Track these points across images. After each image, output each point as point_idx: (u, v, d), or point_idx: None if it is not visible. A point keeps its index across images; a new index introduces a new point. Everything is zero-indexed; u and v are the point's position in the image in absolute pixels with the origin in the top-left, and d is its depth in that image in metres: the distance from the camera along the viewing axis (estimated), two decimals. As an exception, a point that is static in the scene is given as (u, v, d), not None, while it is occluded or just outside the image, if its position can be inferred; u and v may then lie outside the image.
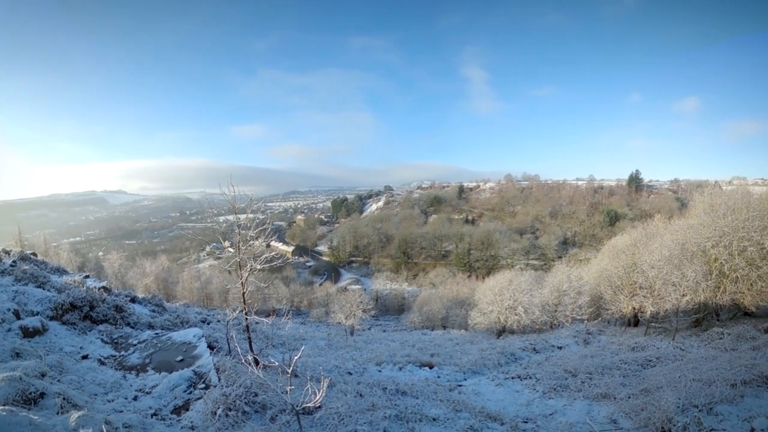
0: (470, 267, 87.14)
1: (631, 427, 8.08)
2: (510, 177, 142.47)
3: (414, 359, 16.49)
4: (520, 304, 27.44)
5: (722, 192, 25.02)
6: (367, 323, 34.23)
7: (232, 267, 10.28)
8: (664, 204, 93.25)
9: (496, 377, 13.58)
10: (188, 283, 46.12)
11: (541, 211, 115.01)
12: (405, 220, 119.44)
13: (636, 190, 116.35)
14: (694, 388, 8.95)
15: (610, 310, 25.40)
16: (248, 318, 9.37)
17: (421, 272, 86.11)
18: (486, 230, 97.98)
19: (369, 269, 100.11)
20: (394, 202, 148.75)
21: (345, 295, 31.35)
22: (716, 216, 21.00)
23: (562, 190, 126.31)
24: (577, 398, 10.61)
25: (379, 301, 56.87)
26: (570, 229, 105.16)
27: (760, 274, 18.26)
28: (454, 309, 40.31)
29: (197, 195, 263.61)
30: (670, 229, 28.24)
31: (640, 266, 23.49)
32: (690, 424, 7.00)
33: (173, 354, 9.46)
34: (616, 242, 34.93)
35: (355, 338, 25.37)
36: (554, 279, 30.05)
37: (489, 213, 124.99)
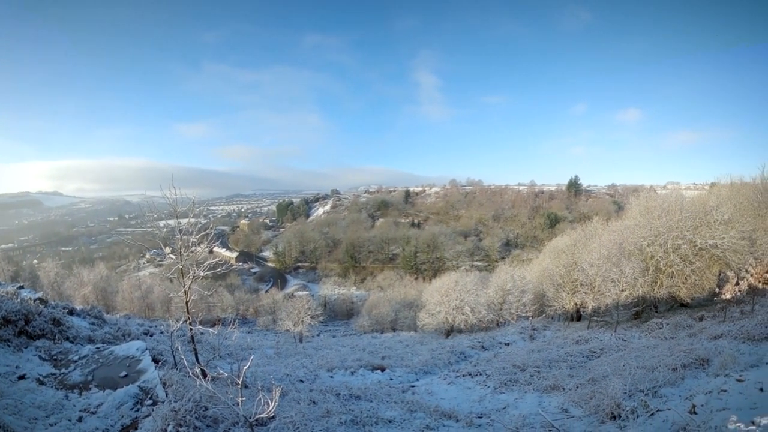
0: (417, 269, 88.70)
1: (581, 414, 8.38)
2: (455, 182, 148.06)
3: (365, 363, 16.44)
4: (466, 303, 28.17)
5: (657, 196, 27.42)
6: (316, 329, 33.72)
7: (173, 275, 9.62)
8: (602, 207, 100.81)
9: (448, 376, 13.74)
10: (128, 293, 43.20)
11: (485, 214, 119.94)
12: (352, 224, 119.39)
13: (575, 195, 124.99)
14: (638, 374, 9.48)
15: (553, 307, 26.82)
16: (193, 328, 8.94)
17: (369, 276, 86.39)
18: (432, 233, 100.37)
19: (316, 274, 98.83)
20: (341, 206, 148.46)
21: (292, 302, 30.70)
22: (651, 217, 22.91)
23: (505, 194, 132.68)
24: (527, 391, 10.90)
25: (327, 306, 56.38)
26: (512, 231, 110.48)
27: (694, 269, 20.15)
28: (403, 311, 40.75)
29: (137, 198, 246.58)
30: (608, 230, 30.42)
31: (580, 265, 24.96)
32: (637, 407, 7.33)
33: (117, 369, 8.72)
34: (556, 243, 37.10)
35: (304, 345, 24.82)
36: (498, 279, 31.21)
37: (434, 217, 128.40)
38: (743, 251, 19.46)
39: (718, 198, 23.39)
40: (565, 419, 8.36)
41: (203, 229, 9.31)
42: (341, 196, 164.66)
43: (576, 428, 7.71)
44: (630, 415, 7.22)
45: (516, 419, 8.68)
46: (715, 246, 19.83)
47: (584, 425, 7.74)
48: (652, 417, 6.74)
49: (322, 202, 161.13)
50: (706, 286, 20.39)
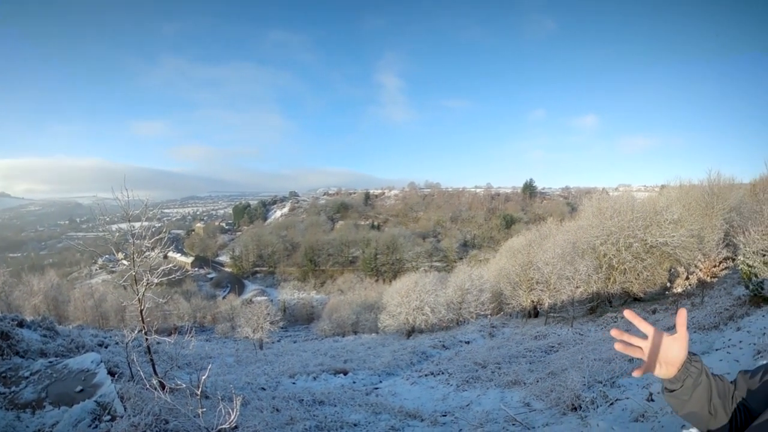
0: (377, 271, 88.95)
1: (543, 407, 8.55)
2: (413, 185, 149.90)
3: (327, 367, 16.30)
4: (426, 304, 28.47)
5: (609, 197, 28.92)
6: (276, 335, 33.02)
7: (127, 282, 9.08)
8: (556, 208, 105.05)
9: (411, 376, 13.75)
10: (81, 302, 40.47)
11: (443, 216, 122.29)
12: (311, 227, 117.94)
13: (530, 197, 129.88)
14: (596, 366, 9.84)
15: (511, 305, 27.64)
16: (148, 338, 8.49)
17: (329, 279, 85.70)
18: (391, 235, 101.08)
19: (274, 279, 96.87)
20: (300, 208, 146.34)
21: (251, 308, 29.84)
22: (604, 218, 24.14)
23: (462, 197, 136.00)
24: (489, 387, 11.05)
25: (287, 311, 55.42)
26: (470, 232, 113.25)
27: (645, 265, 21.42)
28: (364, 314, 40.70)
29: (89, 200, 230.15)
30: (562, 230, 31.76)
31: (535, 264, 25.88)
32: (597, 397, 7.56)
33: (72, 384, 8.01)
34: (512, 243, 38.22)
35: (264, 352, 24.19)
36: (457, 279, 31.76)
37: (394, 219, 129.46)
38: (692, 248, 20.92)
39: (668, 199, 25.01)
40: (527, 413, 8.51)
41: (157, 233, 8.94)
42: (300, 198, 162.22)
43: (538, 421, 7.84)
44: (590, 405, 7.43)
45: (480, 415, 8.75)
46: (665, 244, 21.17)
47: (546, 417, 7.90)
48: (611, 406, 6.96)
49: (279, 204, 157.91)
50: (657, 281, 21.74)
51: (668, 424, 4.82)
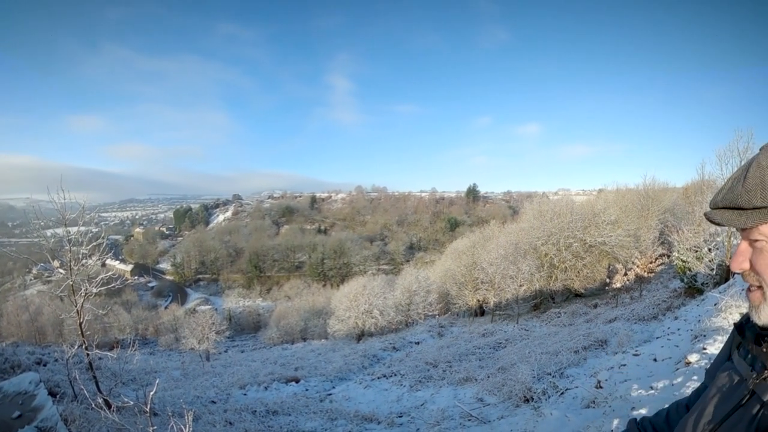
0: (324, 276, 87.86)
1: (496, 401, 8.75)
2: (360, 188, 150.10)
3: (278, 376, 15.86)
4: (375, 307, 28.51)
5: (549, 201, 30.65)
6: (223, 345, 31.58)
7: (64, 292, 8.26)
8: (498, 212, 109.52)
9: (363, 380, 13.66)
10: (14, 316, 36.48)
11: (389, 220, 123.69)
12: (255, 232, 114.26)
13: (473, 201, 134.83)
14: (544, 359, 10.24)
15: (457, 304, 28.37)
16: (90, 353, 7.87)
17: (275, 286, 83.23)
18: (338, 239, 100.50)
19: (218, 287, 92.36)
20: (244, 212, 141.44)
21: (195, 318, 28.33)
22: (544, 220, 25.47)
23: (408, 200, 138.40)
24: (442, 386, 11.17)
25: (232, 320, 53.33)
26: (415, 235, 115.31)
27: (585, 263, 22.87)
28: (313, 319, 40.05)
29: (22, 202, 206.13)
30: (505, 232, 33.09)
31: (480, 264, 26.76)
32: (547, 388, 7.85)
33: (9, 409, 6.97)
34: (457, 245, 39.30)
35: (212, 363, 23.08)
36: (404, 281, 32.09)
37: (341, 222, 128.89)
38: (629, 246, 22.65)
39: (606, 202, 26.95)
40: (482, 408, 8.66)
41: (95, 238, 8.36)
42: (243, 201, 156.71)
43: (493, 415, 8.01)
44: (542, 396, 7.69)
45: (435, 414, 8.79)
46: (603, 243, 22.72)
47: (500, 411, 8.08)
48: (562, 396, 7.24)
49: (222, 208, 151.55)
50: (597, 277, 23.31)
51: (618, 407, 5.05)
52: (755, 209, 0.75)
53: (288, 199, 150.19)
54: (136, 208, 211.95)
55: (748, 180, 0.76)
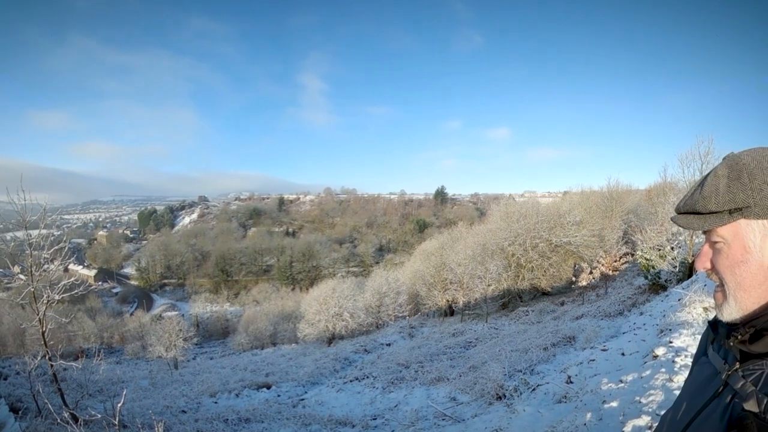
0: (293, 279, 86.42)
1: (469, 400, 8.83)
2: (329, 190, 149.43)
3: (249, 382, 15.58)
4: (345, 309, 28.36)
5: (516, 202, 31.40)
6: (191, 352, 30.57)
7: (25, 299, 7.77)
8: (466, 213, 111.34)
9: (336, 383, 13.52)
10: None
11: (359, 222, 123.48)
12: (222, 235, 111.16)
13: (441, 203, 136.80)
14: (514, 357, 10.42)
15: (427, 305, 28.59)
16: (54, 364, 7.44)
17: (242, 290, 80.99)
18: (307, 242, 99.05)
19: (185, 292, 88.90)
20: (210, 214, 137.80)
21: (161, 324, 27.39)
22: (511, 221, 26.07)
23: (377, 202, 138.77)
24: (415, 387, 11.18)
25: (200, 326, 51.68)
26: (385, 237, 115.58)
27: (551, 263, 23.54)
28: (282, 324, 39.36)
29: None
30: (472, 233, 33.66)
31: (448, 265, 27.11)
32: (519, 385, 7.97)
33: None
34: (426, 246, 39.69)
35: (181, 371, 22.32)
36: (374, 283, 32.13)
37: (309, 225, 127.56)
38: (594, 246, 23.48)
39: (571, 203, 27.83)
40: (455, 407, 8.72)
41: (57, 242, 7.91)
42: (210, 203, 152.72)
43: (467, 413, 8.07)
44: (514, 393, 7.80)
45: (409, 415, 8.78)
46: (569, 243, 23.45)
47: (474, 409, 8.16)
48: (534, 392, 7.36)
49: (188, 210, 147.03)
50: (563, 276, 24.01)
51: (590, 401, 5.17)
52: (711, 213, 0.83)
53: (255, 201, 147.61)
54: (100, 210, 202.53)
55: (705, 187, 0.85)
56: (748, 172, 0.80)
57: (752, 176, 0.79)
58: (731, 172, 0.82)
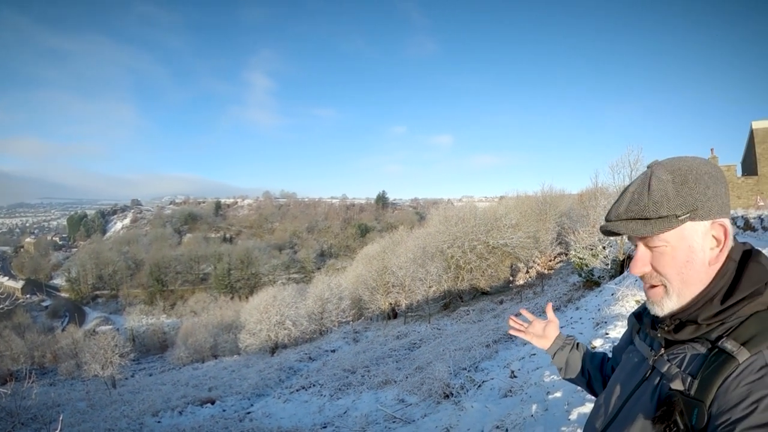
0: (232, 288, 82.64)
1: (418, 401, 8.90)
2: (268, 194, 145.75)
3: (192, 398, 14.85)
4: (287, 317, 27.79)
5: (454, 207, 32.48)
6: (129, 369, 28.33)
7: None
8: (406, 218, 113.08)
9: (282, 394, 13.12)
10: None
11: (299, 227, 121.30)
12: (156, 241, 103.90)
13: (383, 207, 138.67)
14: (458, 356, 10.67)
15: (370, 309, 28.66)
16: None
17: (179, 300, 75.88)
18: (245, 248, 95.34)
19: (119, 304, 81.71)
20: (143, 219, 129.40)
21: (95, 340, 25.07)
22: (450, 224, 26.94)
23: (318, 207, 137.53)
24: (362, 391, 11.11)
25: (136, 340, 47.93)
26: (326, 242, 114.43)
27: (489, 264, 24.57)
28: (222, 335, 37.53)
29: None
30: (413, 236, 34.30)
31: (390, 268, 27.41)
32: (465, 383, 8.18)
33: None
34: (367, 250, 39.79)
35: (119, 390, 20.63)
36: (316, 289, 31.75)
37: (248, 230, 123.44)
38: (530, 247, 24.79)
39: (507, 207, 29.24)
40: (404, 408, 8.75)
41: None
42: (143, 207, 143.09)
43: (417, 414, 8.12)
44: (461, 391, 7.98)
45: (359, 420, 8.69)
46: (505, 244, 24.61)
47: (423, 409, 8.23)
48: (480, 388, 7.57)
49: (120, 214, 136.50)
50: (501, 276, 25.10)
51: (534, 393, 5.39)
52: (660, 218, 0.84)
53: (191, 205, 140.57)
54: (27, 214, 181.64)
55: (654, 193, 0.85)
56: (692, 177, 0.84)
57: (697, 180, 0.83)
58: (675, 177, 0.85)
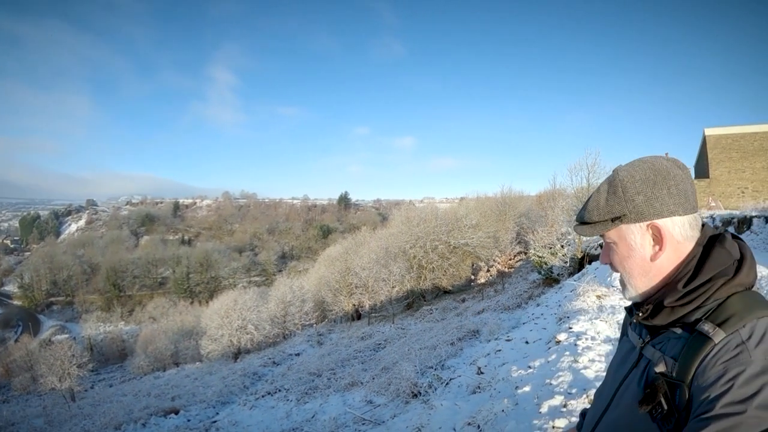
0: (191, 292, 79.12)
1: (386, 401, 8.86)
2: (228, 194, 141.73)
3: (155, 409, 14.24)
4: (249, 322, 27.18)
5: (416, 208, 32.85)
6: (88, 381, 26.67)
7: None
8: (369, 218, 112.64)
9: (247, 400, 12.76)
10: None
11: (259, 228, 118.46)
12: (112, 244, 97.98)
13: (345, 208, 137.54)
14: (423, 355, 10.72)
15: (334, 310, 28.47)
16: None
17: (137, 306, 71.64)
18: (204, 250, 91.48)
19: (74, 311, 76.28)
20: (99, 221, 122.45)
21: (51, 351, 23.39)
22: (412, 225, 27.24)
23: (279, 208, 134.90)
24: (329, 394, 10.96)
25: (94, 349, 45.01)
26: (287, 243, 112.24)
27: (451, 263, 25.04)
28: (183, 341, 36.00)
29: None
30: (375, 237, 34.44)
31: (353, 269, 27.41)
32: (432, 381, 8.22)
33: None
34: (330, 252, 39.61)
35: (79, 404, 19.38)
36: (278, 292, 31.21)
37: (207, 232, 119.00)
38: (490, 246, 25.43)
39: (467, 208, 29.87)
40: (373, 409, 8.68)
41: None
42: (98, 208, 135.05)
43: (386, 414, 8.07)
44: (428, 389, 8.01)
45: (328, 424, 8.54)
46: (466, 244, 25.13)
47: (392, 410, 8.19)
48: (447, 386, 7.62)
49: (75, 215, 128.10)
50: (463, 275, 25.62)
51: (503, 389, 5.48)
52: (595, 223, 1.04)
53: (148, 206, 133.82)
54: None
55: (590, 202, 1.05)
56: (621, 187, 0.99)
57: (625, 189, 0.98)
58: (609, 187, 1.02)
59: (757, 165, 22.12)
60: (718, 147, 22.73)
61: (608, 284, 7.86)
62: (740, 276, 0.91)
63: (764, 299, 0.91)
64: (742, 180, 22.26)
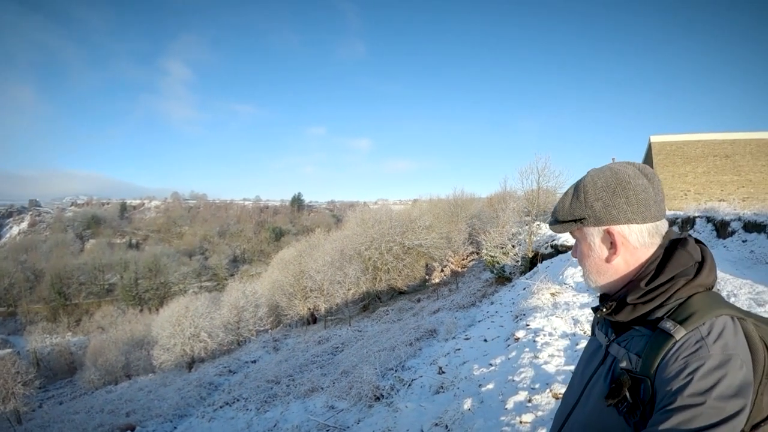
0: (140, 299, 73.97)
1: (348, 406, 8.76)
2: (177, 195, 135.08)
3: (110, 427, 13.45)
4: (202, 329, 26.10)
5: (370, 209, 32.88)
6: (36, 399, 24.30)
7: None
8: (323, 220, 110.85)
9: (206, 412, 12.20)
10: None
11: (209, 230, 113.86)
12: (57, 248, 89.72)
13: (298, 210, 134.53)
14: (383, 356, 10.73)
15: (289, 315, 27.96)
16: None
17: (84, 315, 65.78)
18: (153, 255, 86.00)
19: (17, 322, 68.55)
20: (43, 223, 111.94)
21: None
22: (366, 227, 27.28)
23: (230, 209, 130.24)
24: (290, 402, 10.70)
25: (41, 364, 40.94)
26: (239, 246, 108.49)
27: (405, 264, 25.32)
28: (134, 352, 33.71)
29: None
30: (330, 239, 34.16)
31: (307, 272, 27.06)
32: (394, 383, 8.23)
33: None
34: (283, 255, 38.77)
35: (26, 426, 17.54)
36: (230, 297, 30.31)
37: (155, 235, 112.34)
38: (443, 247, 25.94)
39: (421, 210, 30.36)
40: (335, 415, 8.56)
41: None
42: (42, 209, 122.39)
43: (349, 419, 7.98)
44: (391, 392, 8.00)
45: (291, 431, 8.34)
46: (420, 245, 25.53)
47: (355, 414, 8.11)
48: (410, 387, 7.65)
49: (17, 217, 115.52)
50: (417, 275, 25.94)
51: (466, 388, 5.58)
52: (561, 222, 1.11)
53: (94, 207, 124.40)
54: None
55: (559, 203, 1.13)
56: (584, 192, 1.06)
57: (586, 195, 1.05)
58: (575, 191, 1.09)
59: (699, 170, 23.81)
60: (662, 153, 24.36)
61: (560, 282, 8.27)
62: (701, 277, 0.98)
63: (723, 299, 0.98)
64: (685, 183, 23.88)
